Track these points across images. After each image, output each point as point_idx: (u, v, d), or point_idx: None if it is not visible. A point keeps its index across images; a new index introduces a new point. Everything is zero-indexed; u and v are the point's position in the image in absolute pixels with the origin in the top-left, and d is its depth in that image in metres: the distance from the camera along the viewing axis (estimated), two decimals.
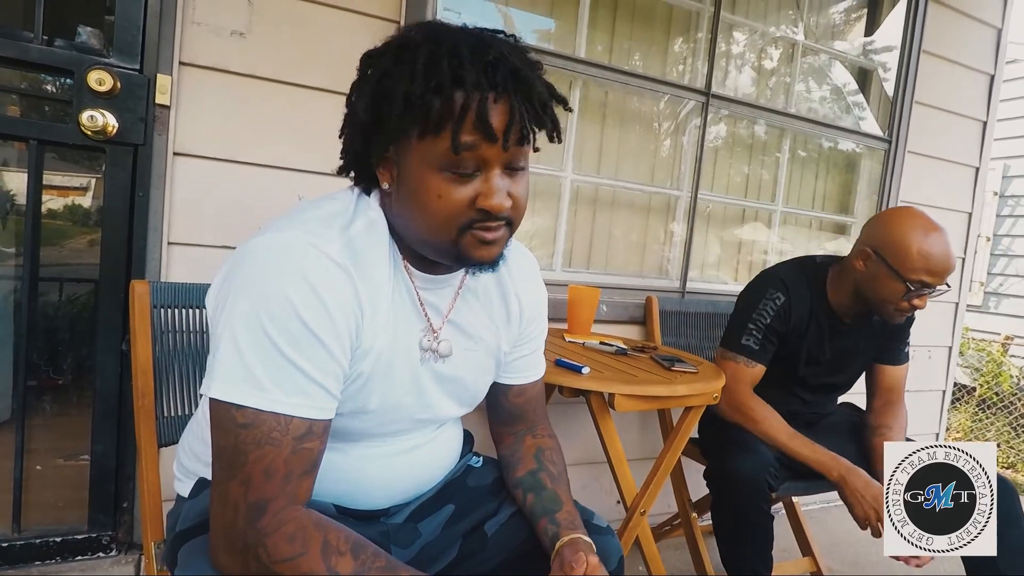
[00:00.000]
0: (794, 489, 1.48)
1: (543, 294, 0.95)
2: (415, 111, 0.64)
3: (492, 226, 0.69)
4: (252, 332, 0.63)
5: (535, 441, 0.95)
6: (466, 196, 0.67)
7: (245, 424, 0.63)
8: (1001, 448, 3.69)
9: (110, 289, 1.39)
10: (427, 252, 0.73)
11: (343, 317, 0.67)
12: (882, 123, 2.58)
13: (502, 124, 0.65)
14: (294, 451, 0.65)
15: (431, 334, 0.79)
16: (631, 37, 2.17)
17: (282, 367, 0.64)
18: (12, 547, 1.37)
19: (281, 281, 0.63)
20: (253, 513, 0.63)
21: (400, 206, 0.71)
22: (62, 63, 1.30)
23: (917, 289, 1.33)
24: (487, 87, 0.64)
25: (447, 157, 0.65)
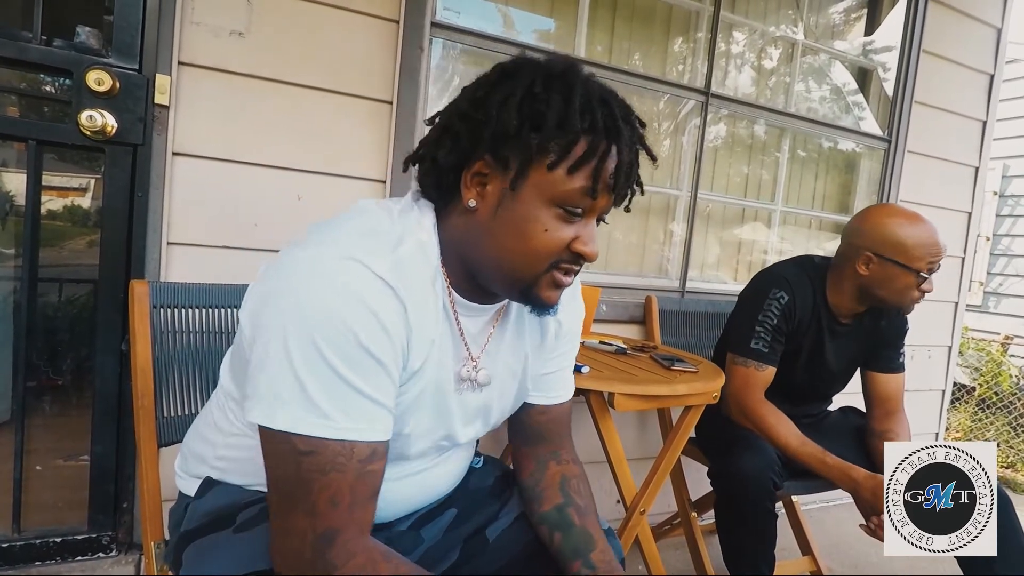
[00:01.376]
0: (796, 488, 1.48)
1: (581, 310, 0.92)
2: (563, 140, 0.64)
3: (576, 269, 0.70)
4: (309, 357, 0.59)
5: (559, 468, 0.90)
6: (567, 236, 0.67)
7: (308, 451, 0.60)
8: (1001, 448, 3.69)
9: (109, 289, 1.39)
10: (496, 280, 0.71)
11: (397, 338, 0.64)
12: (882, 123, 2.58)
13: (624, 183, 0.68)
14: (359, 475, 0.62)
15: (470, 363, 0.77)
16: (631, 37, 2.17)
17: (344, 393, 0.61)
18: (12, 547, 1.37)
19: (335, 302, 0.60)
20: (322, 544, 0.61)
21: (488, 228, 0.68)
22: (61, 63, 1.29)
23: (925, 276, 1.40)
24: (627, 143, 0.66)
25: (570, 196, 0.65)
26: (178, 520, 0.82)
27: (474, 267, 0.72)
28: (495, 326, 0.80)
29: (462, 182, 0.69)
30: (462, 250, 0.71)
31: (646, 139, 0.71)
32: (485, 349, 0.79)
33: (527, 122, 0.64)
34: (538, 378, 0.88)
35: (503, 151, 0.66)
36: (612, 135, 0.65)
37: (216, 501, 0.77)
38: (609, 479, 1.42)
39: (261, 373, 0.61)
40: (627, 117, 0.68)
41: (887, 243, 1.40)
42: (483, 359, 0.79)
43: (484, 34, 1.77)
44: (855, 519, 1.38)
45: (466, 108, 0.69)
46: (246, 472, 0.79)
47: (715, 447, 1.53)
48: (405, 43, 1.59)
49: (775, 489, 1.34)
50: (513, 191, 0.66)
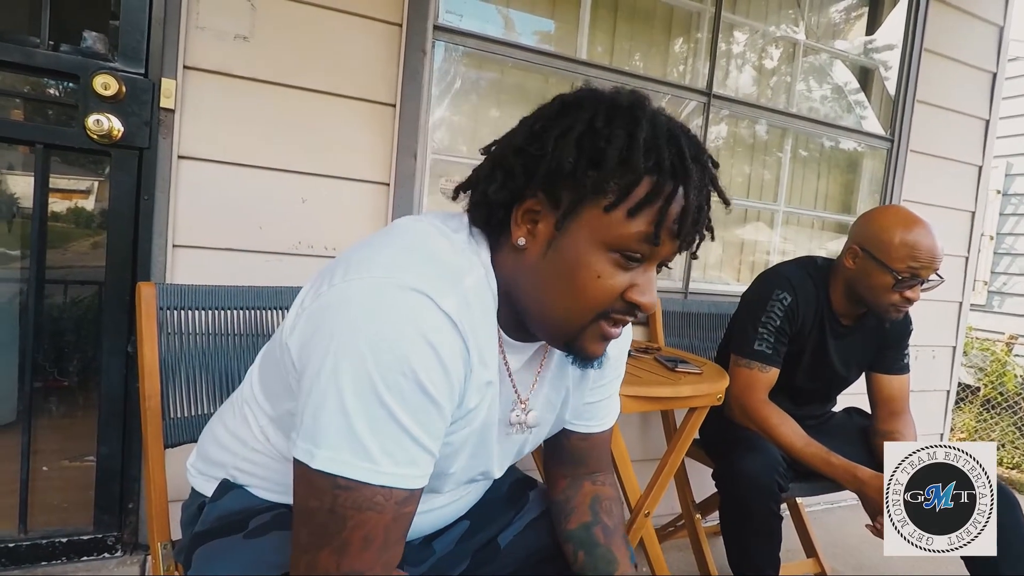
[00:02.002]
0: (800, 490, 1.47)
1: (629, 333, 0.88)
2: (624, 179, 0.58)
3: (627, 320, 0.65)
4: (363, 396, 0.55)
5: (593, 488, 0.87)
6: (622, 284, 0.62)
7: (347, 487, 0.56)
8: (1006, 448, 3.68)
9: (116, 291, 1.40)
10: (539, 326, 0.67)
11: (456, 379, 0.60)
12: (884, 122, 2.58)
13: (691, 228, 0.61)
14: (395, 517, 0.58)
15: (520, 406, 0.74)
16: (632, 38, 2.18)
17: (395, 436, 0.57)
18: (19, 547, 1.38)
19: (399, 340, 0.55)
20: None
21: (537, 269, 0.64)
22: (68, 68, 1.30)
23: (906, 280, 1.35)
24: (696, 185, 0.60)
25: (629, 241, 0.60)
26: (191, 518, 0.82)
27: (520, 308, 0.67)
28: (541, 364, 0.76)
29: (512, 219, 0.64)
30: (509, 289, 0.67)
31: (718, 179, 0.65)
32: (535, 389, 0.75)
33: (585, 158, 0.59)
34: (580, 408, 0.85)
35: (558, 189, 0.61)
36: (679, 176, 0.59)
37: (231, 505, 0.77)
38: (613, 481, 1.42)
39: (308, 406, 0.57)
40: (698, 156, 0.61)
41: (873, 238, 1.40)
42: (532, 400, 0.75)
43: (486, 36, 1.78)
44: (859, 521, 1.38)
45: (521, 142, 0.64)
46: (267, 487, 0.78)
47: (719, 448, 1.54)
48: (408, 46, 1.60)
49: (780, 491, 1.34)
50: (563, 233, 0.61)
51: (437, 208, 1.85)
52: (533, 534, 0.87)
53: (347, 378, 0.55)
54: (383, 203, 1.62)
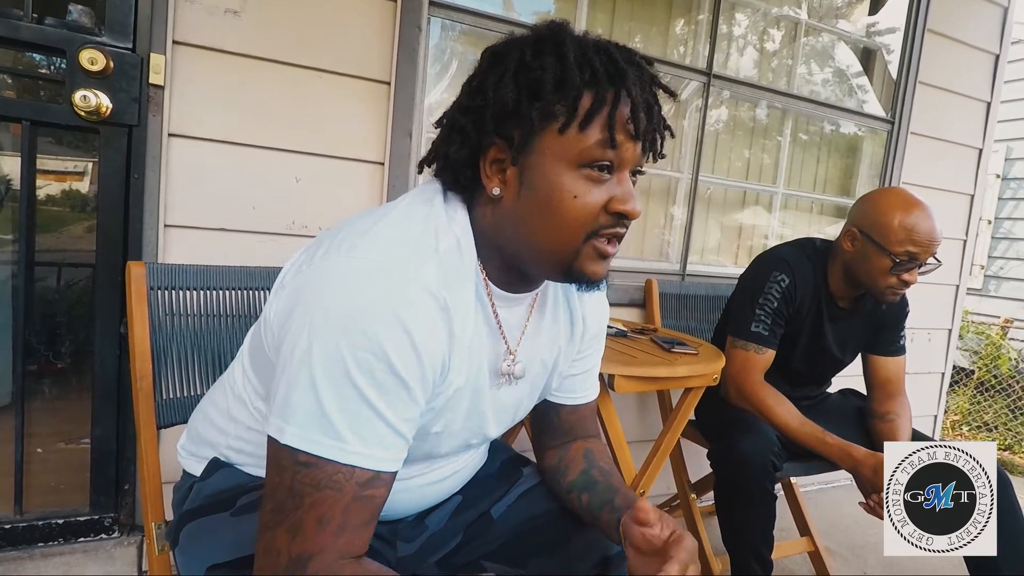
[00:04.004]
0: (795, 470, 1.48)
1: (606, 315, 0.91)
2: (566, 100, 0.60)
3: (620, 234, 0.66)
4: (334, 376, 0.56)
5: (583, 444, 0.90)
6: (602, 198, 0.63)
7: (306, 463, 0.57)
8: (999, 430, 3.71)
9: (107, 272, 1.38)
10: (536, 265, 0.68)
11: (432, 360, 0.61)
12: (885, 104, 2.56)
13: (644, 126, 0.63)
14: (356, 498, 0.58)
15: (509, 357, 0.74)
16: (632, 17, 2.14)
17: (363, 416, 0.57)
18: (15, 529, 1.38)
19: (372, 322, 0.56)
20: (294, 566, 0.56)
21: (517, 212, 0.65)
22: (53, 42, 1.27)
23: (904, 263, 1.35)
24: (636, 83, 0.62)
25: (591, 153, 0.61)
26: (181, 499, 0.82)
27: (512, 256, 0.68)
28: (531, 315, 0.77)
29: (482, 173, 0.66)
30: (497, 241, 0.68)
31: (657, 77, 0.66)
32: (521, 341, 0.76)
33: (525, 92, 0.62)
34: (566, 379, 0.87)
35: (510, 129, 0.63)
36: (617, 79, 0.61)
37: (221, 483, 0.78)
38: None
39: (281, 384, 0.59)
40: (630, 59, 0.64)
41: (871, 221, 1.39)
42: (519, 352, 0.76)
43: (483, 13, 1.75)
44: (853, 500, 1.39)
45: (466, 100, 0.66)
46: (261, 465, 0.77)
47: (715, 429, 1.54)
48: (403, 22, 1.57)
49: (775, 471, 1.35)
50: (528, 168, 0.63)
51: None
52: (526, 502, 0.88)
53: (319, 358, 0.56)
54: (378, 183, 1.60)
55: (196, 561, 0.70)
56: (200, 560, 0.69)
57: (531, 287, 0.75)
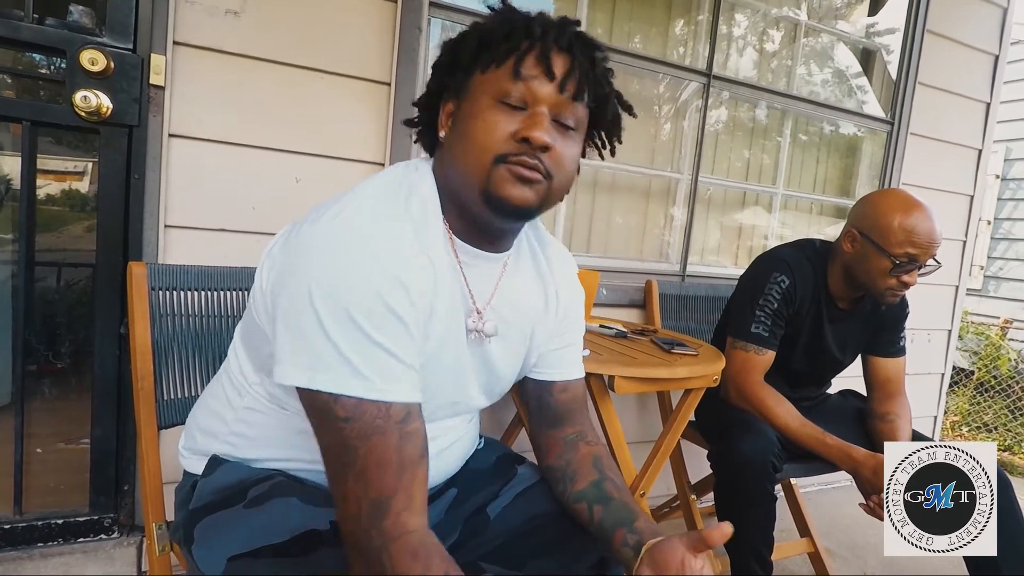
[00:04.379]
0: (795, 471, 1.48)
1: (581, 295, 0.94)
2: (486, 47, 0.71)
3: (529, 162, 0.69)
4: (340, 321, 0.62)
5: (590, 449, 0.89)
6: (511, 127, 0.69)
7: (347, 418, 0.62)
8: (998, 431, 3.71)
9: (108, 273, 1.38)
10: (464, 195, 0.72)
11: (421, 300, 0.67)
12: (884, 105, 2.56)
13: (562, 71, 0.70)
14: (401, 436, 0.64)
15: (476, 315, 0.78)
16: (631, 18, 2.15)
17: (376, 354, 0.63)
18: (15, 529, 1.38)
19: (358, 264, 0.63)
20: (375, 512, 0.62)
21: (449, 147, 0.74)
22: (54, 42, 1.27)
23: (904, 264, 1.35)
24: (553, 38, 0.70)
25: (504, 86, 0.69)
26: (184, 498, 0.83)
27: (458, 198, 0.74)
28: (502, 278, 0.81)
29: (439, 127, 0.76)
30: (448, 185, 0.75)
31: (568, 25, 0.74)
32: (491, 302, 0.80)
33: (459, 50, 0.74)
34: (549, 354, 0.90)
35: (450, 82, 0.75)
36: (527, 30, 0.70)
37: (225, 479, 0.78)
38: None
39: (292, 339, 0.63)
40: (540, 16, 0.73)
41: (871, 222, 1.39)
42: (488, 311, 0.79)
43: (483, 14, 1.74)
44: (853, 501, 1.39)
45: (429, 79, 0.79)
46: (259, 445, 0.80)
47: (715, 430, 1.54)
48: (403, 23, 1.57)
49: (775, 472, 1.35)
50: (462, 105, 0.72)
51: None
52: (523, 503, 0.88)
53: (322, 307, 0.62)
54: None
55: (215, 554, 0.70)
56: (219, 553, 0.70)
57: (495, 245, 0.79)
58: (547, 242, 0.89)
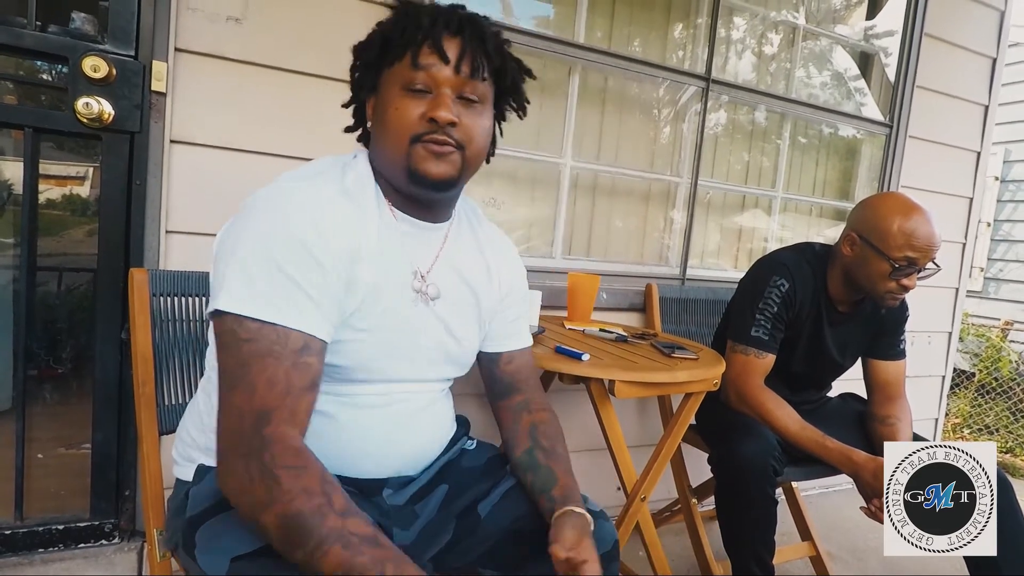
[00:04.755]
0: (796, 474, 1.48)
1: (522, 270, 1.03)
2: (388, 45, 0.81)
3: (440, 139, 0.78)
4: (258, 255, 0.70)
5: (530, 417, 0.96)
6: (419, 110, 0.78)
7: (248, 339, 0.69)
8: (1000, 433, 3.70)
9: (109, 278, 1.39)
10: (392, 175, 0.82)
11: (338, 245, 0.75)
12: (883, 108, 2.57)
13: (455, 54, 0.79)
14: (294, 364, 0.70)
15: (419, 278, 0.85)
16: (631, 22, 2.15)
17: (283, 284, 0.70)
18: (15, 534, 1.38)
19: (287, 213, 0.73)
20: (258, 421, 0.67)
21: (376, 136, 0.83)
22: (56, 49, 1.28)
23: (903, 268, 1.35)
24: (443, 26, 0.79)
25: (406, 76, 0.78)
26: (179, 507, 0.83)
27: (386, 175, 0.84)
28: (444, 247, 0.89)
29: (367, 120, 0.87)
30: (380, 167, 0.84)
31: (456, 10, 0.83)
32: (434, 267, 0.87)
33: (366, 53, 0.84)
34: (496, 328, 0.99)
35: (367, 82, 0.85)
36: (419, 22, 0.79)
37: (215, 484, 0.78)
38: (610, 466, 1.42)
39: (219, 275, 0.72)
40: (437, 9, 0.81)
41: (871, 226, 1.39)
42: (432, 275, 0.87)
43: None
44: (854, 504, 1.39)
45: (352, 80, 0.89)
46: None
47: (715, 434, 1.54)
48: None
49: (775, 475, 1.35)
50: (379, 98, 0.82)
51: None
52: (511, 504, 0.90)
53: (248, 248, 0.71)
54: None
55: (219, 556, 0.71)
56: (223, 554, 0.71)
57: (432, 215, 0.87)
58: (484, 224, 0.99)
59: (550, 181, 2.04)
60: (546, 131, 2.02)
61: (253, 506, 0.65)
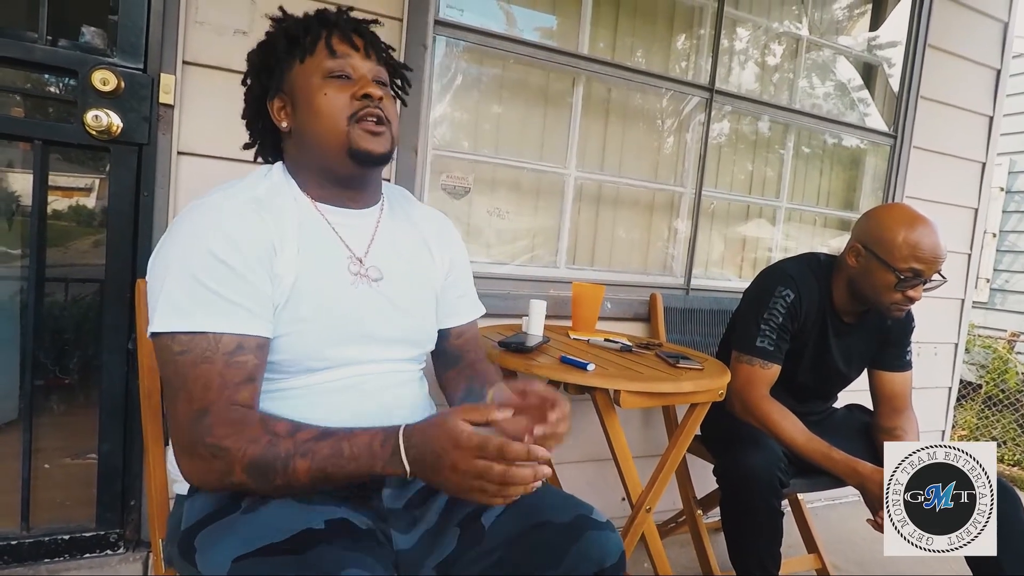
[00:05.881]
0: (802, 486, 1.47)
1: (460, 245, 1.08)
2: (294, 43, 0.87)
3: (375, 113, 0.86)
4: (178, 275, 0.76)
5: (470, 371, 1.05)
6: (348, 92, 0.86)
7: (181, 351, 0.74)
8: (1007, 446, 3.67)
9: (116, 289, 1.40)
10: (330, 160, 0.87)
11: (251, 247, 0.79)
12: (887, 118, 2.57)
13: (361, 44, 0.89)
14: (227, 364, 0.75)
15: (356, 262, 0.90)
16: (634, 33, 2.17)
17: (202, 295, 0.75)
18: (21, 545, 1.38)
19: (198, 230, 0.78)
20: (198, 417, 0.73)
21: (298, 128, 0.88)
22: (66, 63, 1.30)
23: (908, 279, 1.35)
24: (345, 22, 0.90)
25: (325, 65, 0.86)
26: (177, 521, 0.84)
27: (319, 166, 0.88)
28: (377, 229, 0.94)
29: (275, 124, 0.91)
30: (303, 161, 0.90)
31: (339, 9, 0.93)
32: (371, 250, 0.92)
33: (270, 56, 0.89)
34: (446, 304, 1.04)
35: (270, 81, 0.90)
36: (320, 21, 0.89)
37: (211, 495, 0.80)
38: (615, 476, 1.42)
39: (150, 301, 0.78)
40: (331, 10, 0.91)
41: (876, 237, 1.39)
42: (372, 257, 0.92)
43: (487, 31, 1.77)
44: (860, 516, 1.38)
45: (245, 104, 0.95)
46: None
47: (721, 445, 1.53)
48: (408, 41, 1.59)
49: (781, 487, 1.34)
50: (295, 95, 0.87)
51: (439, 204, 1.84)
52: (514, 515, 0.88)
53: (168, 269, 0.76)
54: None
55: (220, 557, 0.71)
56: (223, 555, 0.71)
57: (359, 201, 0.93)
58: (416, 204, 1.06)
59: (554, 191, 2.05)
60: (550, 141, 2.03)
61: (222, 478, 0.73)
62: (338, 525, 0.74)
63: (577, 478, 1.93)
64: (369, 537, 0.75)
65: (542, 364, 1.28)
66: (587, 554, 0.85)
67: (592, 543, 0.84)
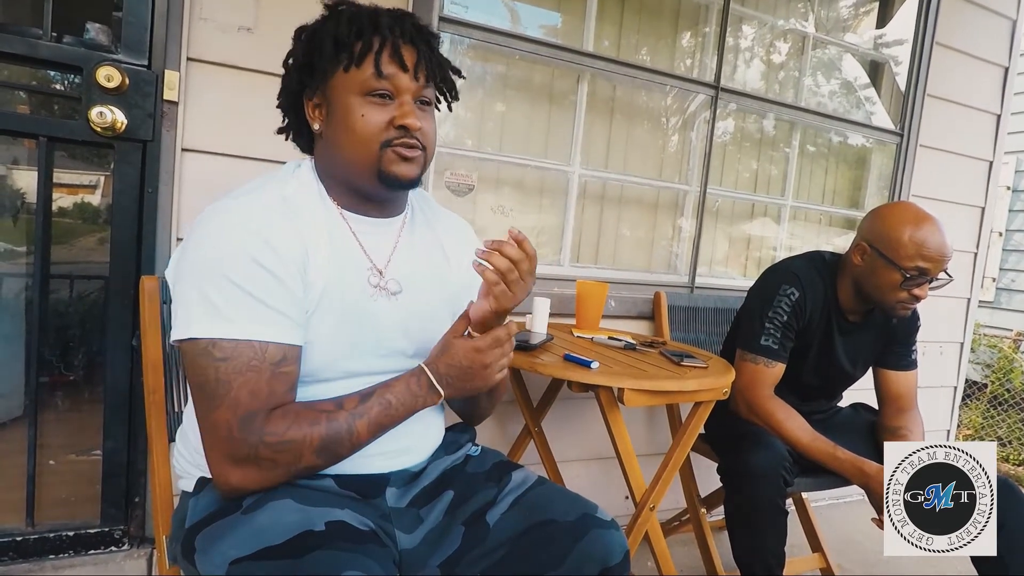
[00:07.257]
0: (806, 485, 1.47)
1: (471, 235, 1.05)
2: (342, 49, 0.81)
3: (410, 143, 0.82)
4: (215, 280, 0.73)
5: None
6: (385, 116, 0.81)
7: (224, 358, 0.72)
8: (1013, 445, 3.66)
9: (120, 285, 1.40)
10: (355, 177, 0.84)
11: (288, 252, 0.77)
12: (894, 116, 2.56)
13: (412, 62, 0.82)
14: (274, 375, 0.74)
15: (377, 273, 0.87)
16: (639, 31, 2.16)
17: (244, 302, 0.73)
18: (26, 541, 1.38)
19: (232, 235, 0.75)
20: (246, 424, 0.72)
21: (330, 137, 0.84)
22: (71, 60, 1.30)
23: (914, 277, 1.34)
24: (399, 34, 0.82)
25: (369, 83, 0.81)
26: (182, 518, 0.84)
27: (344, 176, 0.85)
28: (399, 240, 0.92)
29: (308, 121, 0.87)
30: (331, 169, 0.87)
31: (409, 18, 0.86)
32: (392, 260, 0.89)
33: (316, 51, 0.83)
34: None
35: (313, 81, 0.84)
36: (375, 28, 0.82)
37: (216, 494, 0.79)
38: (619, 475, 1.41)
39: (180, 305, 0.75)
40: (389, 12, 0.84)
41: (882, 235, 1.38)
42: (393, 269, 0.89)
43: (492, 28, 1.77)
44: (865, 516, 1.38)
45: (285, 78, 0.90)
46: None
47: (725, 443, 1.53)
48: None
49: (785, 486, 1.33)
50: (331, 103, 0.83)
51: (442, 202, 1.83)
52: (521, 511, 0.89)
53: (201, 273, 0.74)
54: None
55: (217, 558, 0.71)
56: (221, 556, 0.71)
57: (384, 211, 0.90)
58: (438, 211, 1.03)
59: (558, 189, 2.05)
60: (554, 139, 2.02)
61: (289, 470, 0.75)
62: (338, 527, 0.74)
63: (581, 477, 1.93)
64: (369, 539, 0.75)
65: (546, 362, 1.27)
66: (591, 553, 0.85)
67: (596, 541, 0.85)
